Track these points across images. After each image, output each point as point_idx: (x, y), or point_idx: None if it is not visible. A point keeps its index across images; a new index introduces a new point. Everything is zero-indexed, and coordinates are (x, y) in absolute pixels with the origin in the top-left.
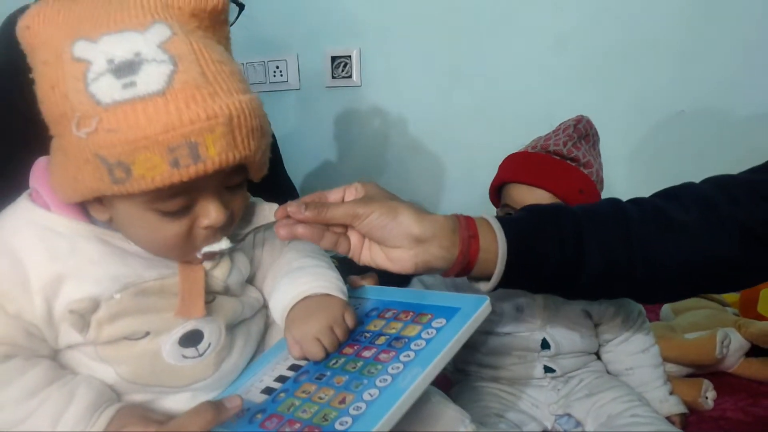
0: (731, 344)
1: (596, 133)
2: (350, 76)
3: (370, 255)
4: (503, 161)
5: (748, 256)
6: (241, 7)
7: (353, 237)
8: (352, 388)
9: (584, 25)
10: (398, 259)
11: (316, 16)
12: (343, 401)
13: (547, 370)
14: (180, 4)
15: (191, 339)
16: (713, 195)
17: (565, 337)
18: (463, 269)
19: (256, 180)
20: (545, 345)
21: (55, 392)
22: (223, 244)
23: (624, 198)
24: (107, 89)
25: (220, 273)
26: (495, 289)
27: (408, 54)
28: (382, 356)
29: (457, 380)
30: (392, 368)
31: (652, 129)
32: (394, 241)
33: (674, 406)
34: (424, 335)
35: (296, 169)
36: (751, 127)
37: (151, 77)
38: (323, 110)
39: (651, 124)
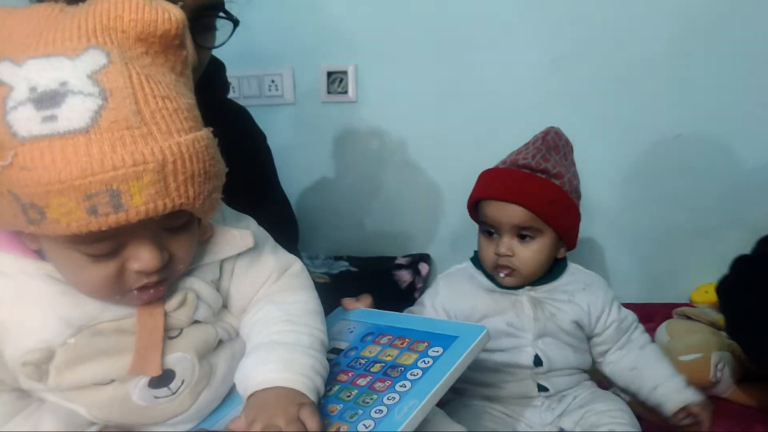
0: (725, 369)
1: (567, 143)
2: (346, 92)
3: None
4: (477, 179)
5: None
6: (236, 23)
7: None
8: (346, 419)
9: (581, 47)
10: None
11: (312, 30)
12: None
13: (541, 388)
14: (124, 26)
15: (162, 380)
16: None
17: (557, 352)
18: None
19: (204, 218)
20: (538, 362)
21: (19, 425)
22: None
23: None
24: (25, 121)
25: (185, 314)
26: None
27: (405, 71)
28: (378, 385)
29: (449, 398)
30: (388, 398)
31: (648, 151)
32: None
33: (693, 397)
34: (420, 364)
35: (290, 184)
36: (748, 153)
37: (75, 112)
38: (318, 125)
39: (647, 147)
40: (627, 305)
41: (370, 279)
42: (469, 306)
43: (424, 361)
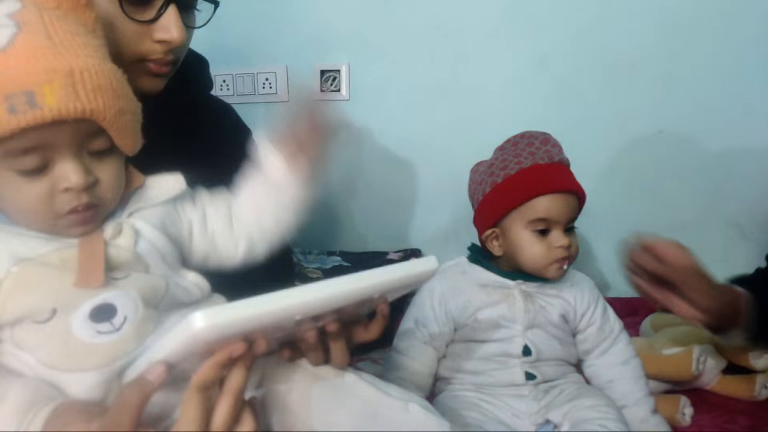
0: (708, 361)
1: None
2: (339, 90)
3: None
4: (522, 177)
5: None
6: (216, 4)
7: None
8: None
9: (565, 46)
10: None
11: (306, 29)
12: None
13: (529, 377)
14: None
15: (103, 313)
16: None
17: (546, 343)
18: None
19: (129, 153)
20: (527, 351)
21: None
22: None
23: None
24: None
25: (124, 242)
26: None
27: (396, 69)
28: None
29: (439, 389)
30: None
31: (631, 147)
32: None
33: (656, 427)
34: None
35: None
36: (728, 149)
37: None
38: None
39: (629, 143)
40: (611, 299)
41: None
42: (464, 299)
43: None
